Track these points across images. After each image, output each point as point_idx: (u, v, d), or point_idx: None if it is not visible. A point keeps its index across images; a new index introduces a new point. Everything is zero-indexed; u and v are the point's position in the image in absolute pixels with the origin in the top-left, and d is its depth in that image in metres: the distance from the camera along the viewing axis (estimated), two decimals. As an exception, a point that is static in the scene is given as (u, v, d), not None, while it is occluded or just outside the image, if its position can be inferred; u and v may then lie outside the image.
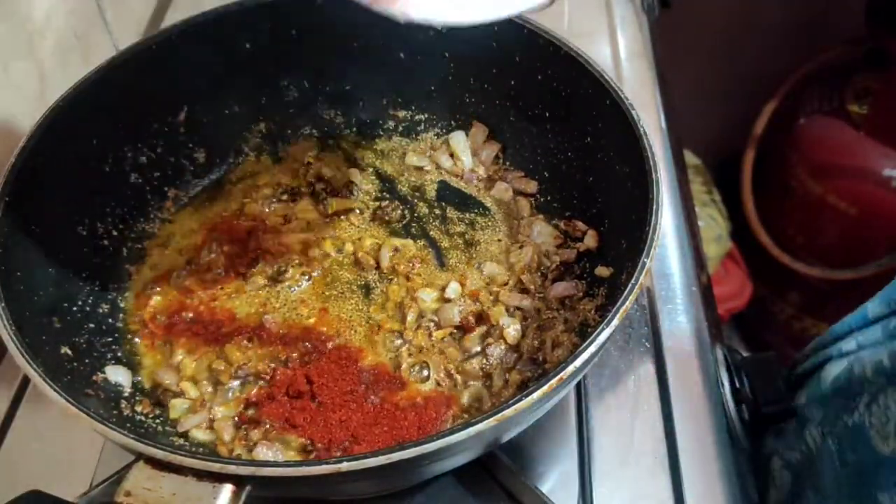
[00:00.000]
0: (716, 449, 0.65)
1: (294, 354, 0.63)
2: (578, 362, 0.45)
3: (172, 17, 1.04)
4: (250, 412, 0.60)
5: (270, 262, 0.69)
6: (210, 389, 0.62)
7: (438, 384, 0.62)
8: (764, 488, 0.74)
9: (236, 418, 0.60)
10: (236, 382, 0.62)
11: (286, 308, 0.67)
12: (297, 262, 0.70)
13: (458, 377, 0.62)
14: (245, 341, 0.64)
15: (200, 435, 0.59)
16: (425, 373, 0.62)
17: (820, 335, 0.76)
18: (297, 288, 0.68)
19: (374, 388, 0.61)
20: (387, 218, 0.73)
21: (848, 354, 0.70)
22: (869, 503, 0.60)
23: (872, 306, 0.69)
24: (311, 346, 0.64)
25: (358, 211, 0.74)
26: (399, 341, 0.64)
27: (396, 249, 0.71)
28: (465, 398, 0.61)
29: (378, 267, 0.70)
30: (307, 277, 0.69)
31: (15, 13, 0.74)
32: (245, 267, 0.69)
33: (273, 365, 0.63)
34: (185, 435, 0.59)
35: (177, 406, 0.60)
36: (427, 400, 0.60)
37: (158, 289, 0.68)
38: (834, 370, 0.70)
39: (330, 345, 0.64)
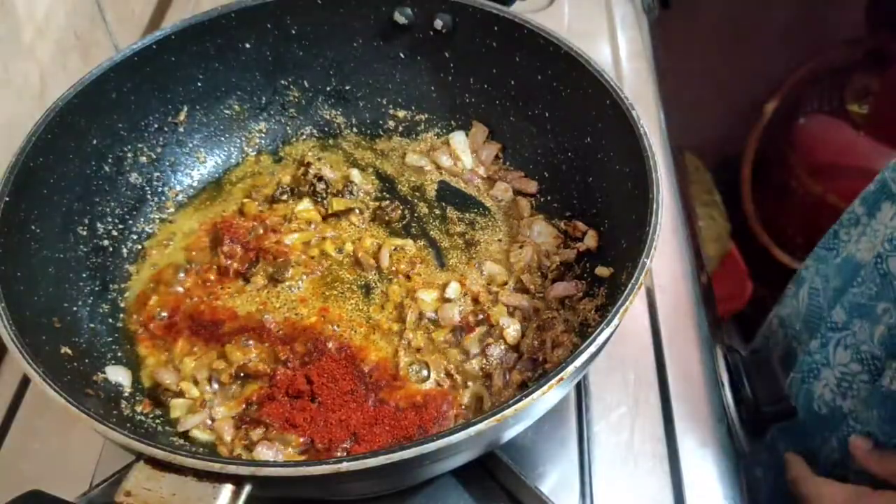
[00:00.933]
0: (716, 449, 0.65)
1: (294, 354, 0.63)
2: (578, 362, 0.45)
3: (172, 17, 1.04)
4: (251, 410, 0.60)
5: (270, 262, 0.69)
6: (210, 389, 0.61)
7: (438, 384, 0.62)
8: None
9: (236, 418, 0.60)
10: (236, 382, 0.62)
11: (286, 308, 0.67)
12: (297, 262, 0.70)
13: (458, 377, 0.62)
14: (245, 341, 0.64)
15: (200, 435, 0.59)
16: (425, 373, 0.62)
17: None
18: (297, 288, 0.68)
19: (374, 388, 0.61)
20: (387, 218, 0.73)
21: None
22: (838, 300, 0.66)
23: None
24: (311, 346, 0.64)
25: (358, 211, 0.74)
26: (399, 341, 0.64)
27: (396, 249, 0.71)
28: (465, 398, 0.61)
29: (378, 267, 0.70)
30: (307, 277, 0.69)
31: (15, 13, 0.74)
32: (245, 267, 0.69)
33: (273, 365, 0.63)
34: (185, 435, 0.59)
35: (177, 406, 0.60)
36: (427, 400, 0.60)
37: (159, 289, 0.68)
38: (829, 231, 0.80)
39: (330, 345, 0.64)
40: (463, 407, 0.61)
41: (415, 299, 0.67)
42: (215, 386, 0.62)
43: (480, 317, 0.65)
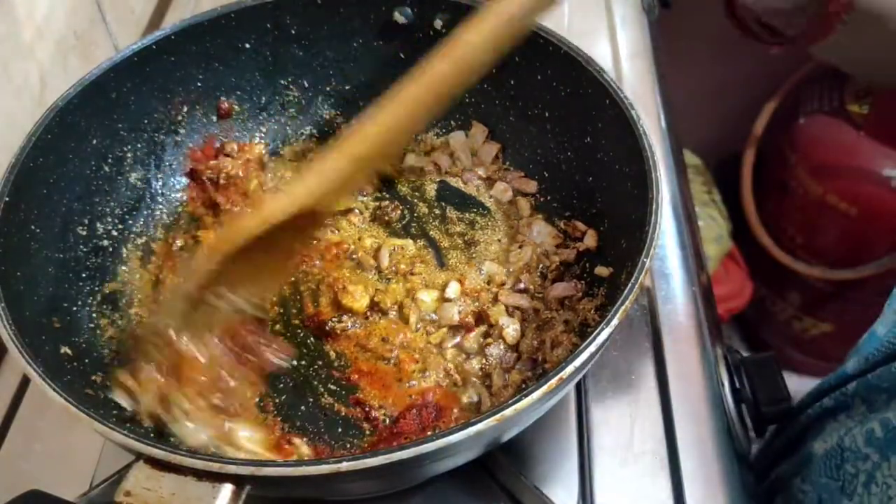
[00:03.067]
0: (716, 449, 0.65)
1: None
2: (578, 362, 0.45)
3: (172, 17, 1.04)
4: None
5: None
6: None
7: (438, 384, 0.62)
8: None
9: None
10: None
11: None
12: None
13: (458, 377, 0.62)
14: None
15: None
16: (425, 373, 0.62)
17: (819, 335, 0.76)
18: (297, 288, 0.68)
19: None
20: (386, 218, 0.73)
21: (834, 425, 0.68)
22: None
23: (851, 363, 0.68)
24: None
25: (357, 211, 0.74)
26: (399, 340, 0.64)
27: (396, 249, 0.71)
28: (464, 398, 0.61)
29: (378, 267, 0.70)
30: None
31: (15, 13, 0.74)
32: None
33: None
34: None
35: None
36: (426, 400, 0.60)
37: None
38: (821, 446, 0.69)
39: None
40: (463, 407, 0.61)
41: (414, 300, 0.67)
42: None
43: (480, 317, 0.65)
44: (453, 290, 0.67)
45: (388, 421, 0.59)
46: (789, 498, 0.72)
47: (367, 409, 0.60)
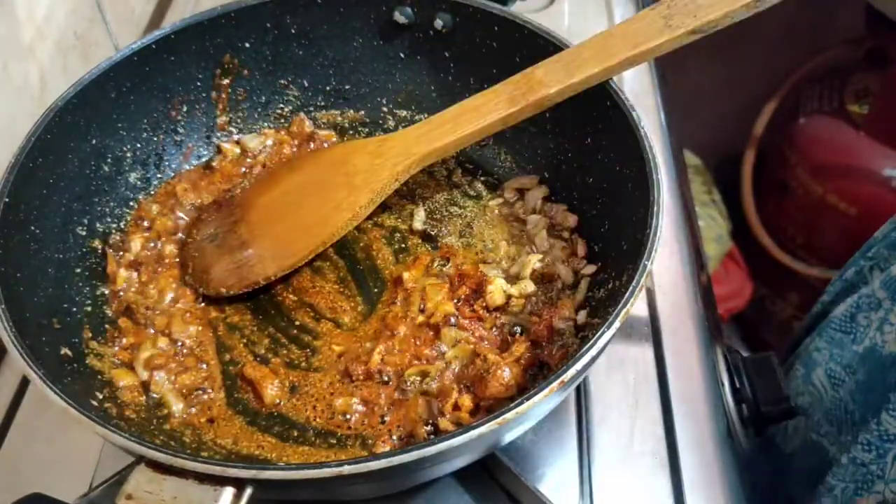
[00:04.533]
0: (716, 449, 0.65)
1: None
2: (579, 365, 0.45)
3: (172, 17, 1.04)
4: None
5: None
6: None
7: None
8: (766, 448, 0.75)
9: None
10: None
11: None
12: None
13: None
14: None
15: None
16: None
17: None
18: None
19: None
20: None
21: (854, 287, 0.71)
22: (883, 404, 0.60)
23: (878, 232, 0.70)
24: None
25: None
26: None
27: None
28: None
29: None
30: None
31: (15, 13, 0.74)
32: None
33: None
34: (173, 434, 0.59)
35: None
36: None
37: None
38: (840, 309, 0.71)
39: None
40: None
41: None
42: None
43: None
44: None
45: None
46: (805, 360, 0.74)
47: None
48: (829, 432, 0.71)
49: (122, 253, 0.67)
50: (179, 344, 0.63)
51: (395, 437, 0.57)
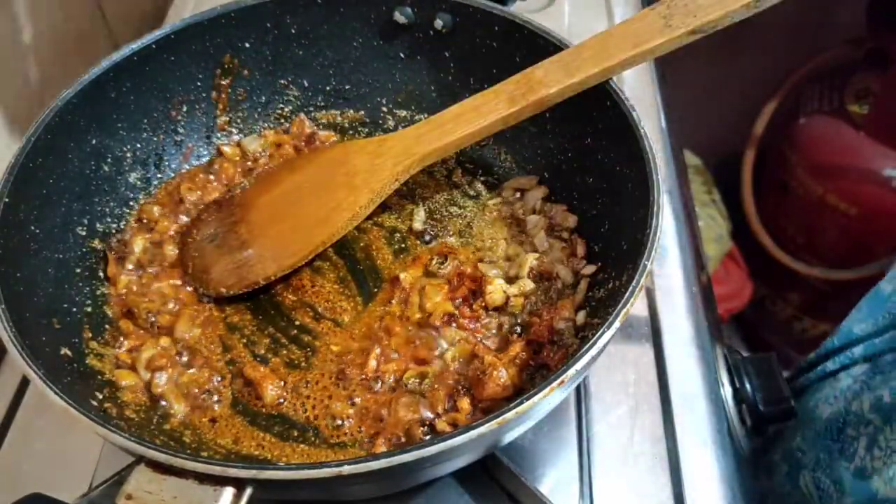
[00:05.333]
0: (716, 449, 0.65)
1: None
2: (579, 365, 0.45)
3: (172, 17, 1.04)
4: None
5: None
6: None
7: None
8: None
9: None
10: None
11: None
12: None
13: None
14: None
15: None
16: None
17: (819, 335, 0.76)
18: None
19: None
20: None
21: (836, 385, 0.68)
22: None
23: (858, 326, 0.68)
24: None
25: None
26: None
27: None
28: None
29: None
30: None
31: (15, 13, 0.74)
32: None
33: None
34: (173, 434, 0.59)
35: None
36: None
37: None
38: (824, 410, 0.69)
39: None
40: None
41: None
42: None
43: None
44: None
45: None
46: (787, 455, 0.72)
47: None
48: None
49: (123, 256, 0.67)
50: (180, 345, 0.63)
51: (392, 439, 0.57)
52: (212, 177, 0.75)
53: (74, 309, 0.62)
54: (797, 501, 0.74)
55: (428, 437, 0.56)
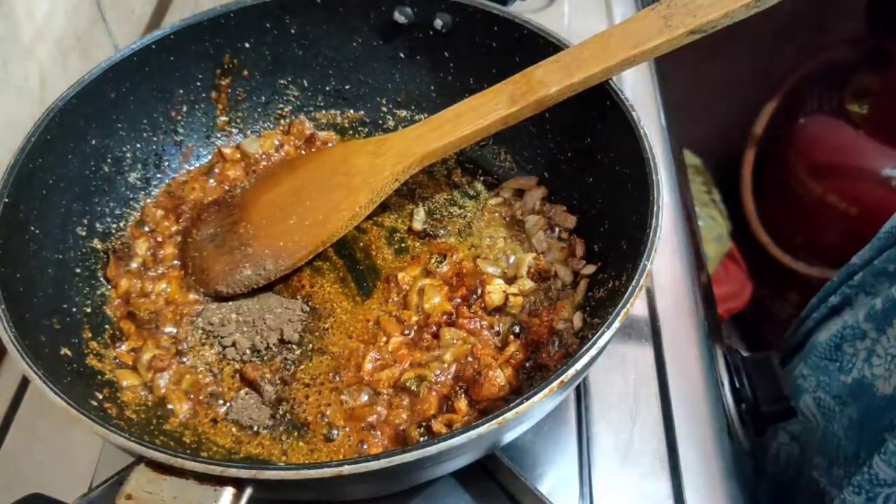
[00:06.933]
0: (716, 449, 0.65)
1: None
2: (579, 365, 0.45)
3: (172, 17, 1.04)
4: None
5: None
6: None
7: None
8: (763, 471, 0.74)
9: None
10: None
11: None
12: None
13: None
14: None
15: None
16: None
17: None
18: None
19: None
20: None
21: (838, 312, 0.70)
22: (876, 447, 0.60)
23: (857, 256, 0.69)
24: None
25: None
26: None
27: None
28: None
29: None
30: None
31: (15, 13, 0.74)
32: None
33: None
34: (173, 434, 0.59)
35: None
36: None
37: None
38: (824, 335, 0.71)
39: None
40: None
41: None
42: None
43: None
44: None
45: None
46: (792, 387, 0.73)
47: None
48: (819, 464, 0.71)
49: (125, 257, 0.67)
50: (181, 345, 0.63)
51: (389, 440, 0.57)
52: (211, 177, 0.75)
53: (74, 309, 0.62)
54: (799, 428, 0.75)
55: (425, 439, 0.56)
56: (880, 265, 0.68)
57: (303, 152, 0.78)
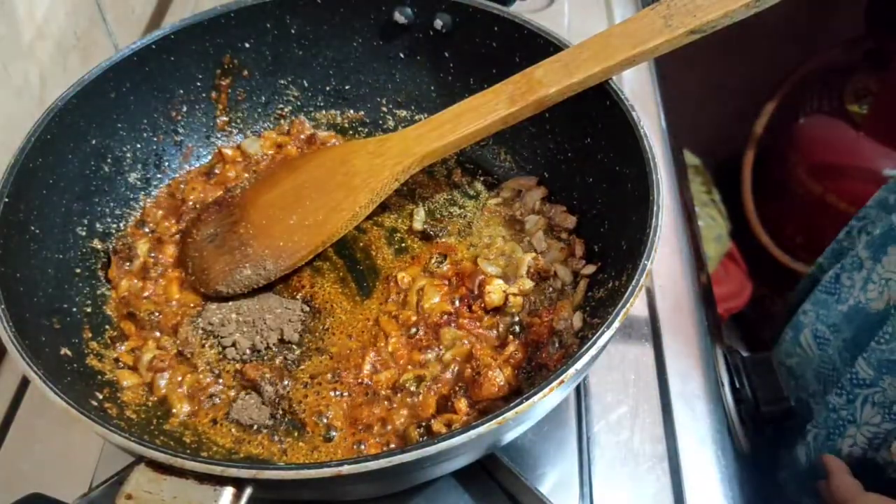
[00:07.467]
0: (716, 449, 0.65)
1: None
2: (579, 365, 0.45)
3: (172, 17, 1.04)
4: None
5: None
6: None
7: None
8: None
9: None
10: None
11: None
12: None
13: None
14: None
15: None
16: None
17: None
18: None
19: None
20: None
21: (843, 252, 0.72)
22: (859, 353, 0.63)
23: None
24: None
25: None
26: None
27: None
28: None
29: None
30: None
31: (15, 13, 0.74)
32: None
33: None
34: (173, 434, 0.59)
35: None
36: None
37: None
38: (829, 272, 0.76)
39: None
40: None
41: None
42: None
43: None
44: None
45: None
46: (795, 323, 0.76)
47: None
48: (816, 391, 0.73)
49: (127, 258, 0.67)
50: (182, 346, 0.63)
51: (389, 440, 0.57)
52: (212, 177, 0.75)
53: (74, 309, 0.62)
54: (799, 362, 0.77)
55: (424, 439, 0.56)
56: (881, 195, 0.69)
57: (303, 152, 0.78)
